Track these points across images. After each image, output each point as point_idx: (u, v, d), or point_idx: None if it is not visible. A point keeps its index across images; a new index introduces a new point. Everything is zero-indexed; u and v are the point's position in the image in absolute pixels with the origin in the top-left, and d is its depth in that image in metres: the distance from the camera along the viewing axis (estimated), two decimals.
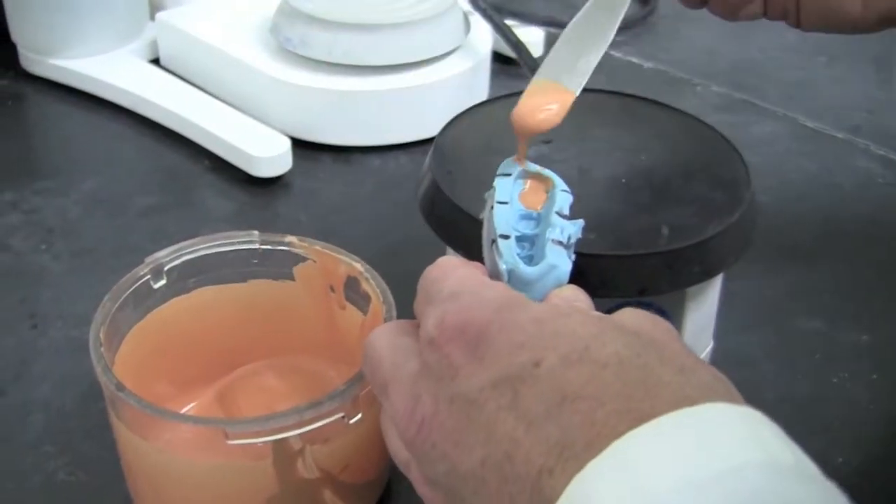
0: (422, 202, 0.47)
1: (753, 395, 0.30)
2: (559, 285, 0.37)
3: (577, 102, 0.53)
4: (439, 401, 0.32)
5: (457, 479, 0.31)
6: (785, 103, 0.80)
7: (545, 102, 0.42)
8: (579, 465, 0.28)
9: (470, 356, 0.32)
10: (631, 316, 0.34)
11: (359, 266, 0.46)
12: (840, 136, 0.76)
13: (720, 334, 0.51)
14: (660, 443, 0.27)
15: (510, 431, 0.30)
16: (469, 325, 0.33)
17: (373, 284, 0.45)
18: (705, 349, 0.51)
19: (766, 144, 0.75)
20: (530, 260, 0.38)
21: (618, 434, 0.28)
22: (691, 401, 0.28)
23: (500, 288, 0.35)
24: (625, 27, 0.48)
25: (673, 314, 0.46)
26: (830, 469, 0.28)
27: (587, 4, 0.43)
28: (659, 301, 0.44)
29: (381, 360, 0.36)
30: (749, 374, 0.54)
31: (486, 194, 0.41)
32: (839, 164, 0.72)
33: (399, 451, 0.35)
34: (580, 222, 0.39)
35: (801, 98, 0.81)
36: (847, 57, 0.88)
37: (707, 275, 0.44)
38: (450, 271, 0.36)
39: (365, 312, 0.46)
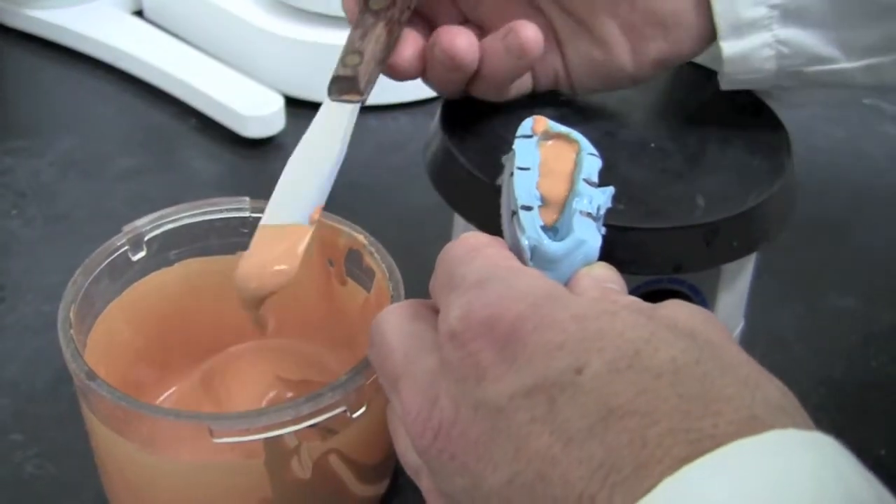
0: (430, 166, 0.45)
1: (786, 380, 0.29)
2: (588, 263, 0.34)
3: None
4: (461, 407, 0.29)
5: (477, 498, 0.29)
6: None
7: (272, 261, 0.40)
8: (628, 493, 0.25)
9: (499, 357, 0.29)
10: (681, 311, 0.30)
11: (362, 238, 0.44)
12: (867, 101, 0.75)
13: (749, 312, 0.50)
14: (725, 479, 0.24)
15: (545, 448, 0.27)
16: (499, 320, 0.29)
17: (377, 259, 0.43)
18: (735, 329, 0.49)
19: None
20: (556, 234, 0.35)
21: (673, 458, 0.25)
22: (759, 422, 0.26)
23: (536, 276, 0.32)
24: None
25: (705, 293, 0.44)
26: (871, 463, 0.26)
27: (306, 134, 0.43)
28: (691, 279, 0.43)
29: (391, 349, 0.33)
30: (781, 356, 0.54)
31: (504, 158, 0.38)
32: (867, 131, 0.72)
33: (408, 455, 0.32)
34: (610, 190, 0.37)
35: None
36: None
37: (747, 250, 0.42)
38: (476, 251, 0.33)
39: (368, 289, 0.44)
